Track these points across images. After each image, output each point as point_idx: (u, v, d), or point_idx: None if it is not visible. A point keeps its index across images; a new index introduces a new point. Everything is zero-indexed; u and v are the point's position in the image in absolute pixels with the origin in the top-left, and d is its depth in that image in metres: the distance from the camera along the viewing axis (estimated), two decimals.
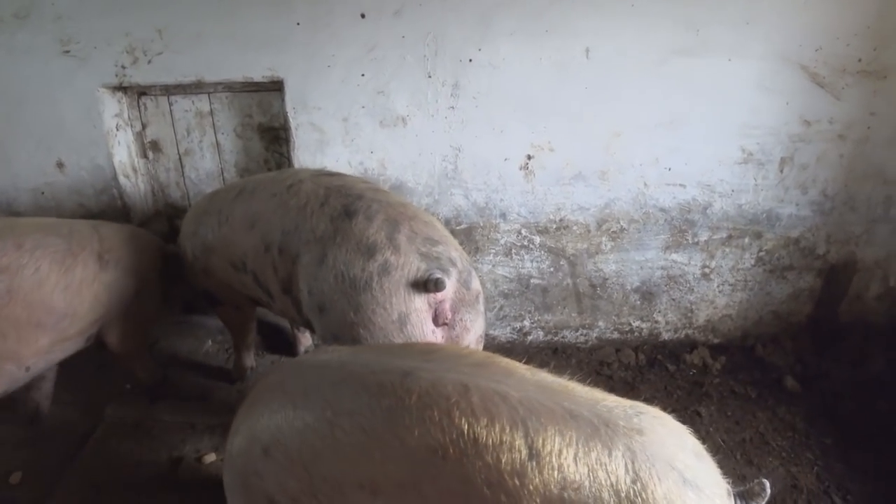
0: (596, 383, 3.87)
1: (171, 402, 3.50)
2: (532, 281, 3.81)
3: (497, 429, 1.55)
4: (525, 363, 1.84)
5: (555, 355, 3.95)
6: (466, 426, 1.57)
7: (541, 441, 1.52)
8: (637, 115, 3.47)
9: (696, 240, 3.75)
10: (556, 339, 3.98)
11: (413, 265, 2.43)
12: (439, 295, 2.43)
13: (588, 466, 1.50)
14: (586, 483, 1.49)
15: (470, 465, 1.55)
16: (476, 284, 2.54)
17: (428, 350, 1.84)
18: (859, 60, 3.42)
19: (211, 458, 3.22)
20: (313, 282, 2.54)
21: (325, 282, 2.49)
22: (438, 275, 2.40)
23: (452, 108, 3.43)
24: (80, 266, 2.90)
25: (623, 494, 1.48)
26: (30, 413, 3.49)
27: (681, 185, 3.62)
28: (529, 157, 3.53)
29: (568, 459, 1.51)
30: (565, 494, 1.49)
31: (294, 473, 1.83)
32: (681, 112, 3.48)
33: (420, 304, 2.42)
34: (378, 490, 1.67)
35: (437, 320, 2.46)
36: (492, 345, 3.92)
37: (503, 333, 3.95)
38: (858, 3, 3.32)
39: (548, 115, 3.45)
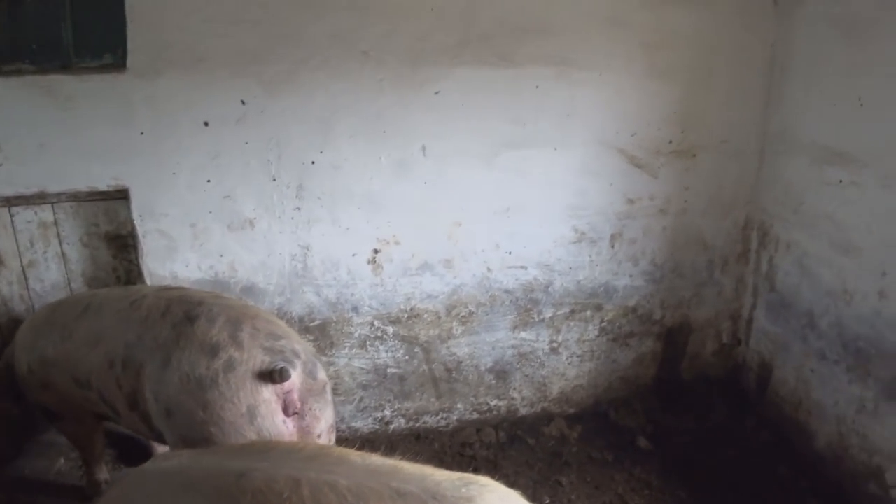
0: (459, 465, 4.03)
1: None
2: (389, 370, 3.92)
3: None
4: (387, 452, 1.94)
5: (418, 441, 4.03)
6: None
7: None
8: (475, 204, 3.72)
9: (541, 317, 3.99)
10: (417, 425, 4.08)
11: (257, 359, 2.49)
12: (286, 385, 2.49)
13: None
14: None
15: None
16: (322, 375, 2.63)
17: (265, 448, 1.90)
18: (670, 142, 3.84)
19: None
20: (158, 386, 2.55)
21: (171, 385, 2.50)
22: (282, 364, 2.47)
23: (298, 208, 3.56)
24: None
25: None
26: None
27: (522, 266, 3.87)
28: (376, 252, 3.69)
29: None
30: None
31: None
32: (515, 199, 3.75)
33: (268, 396, 2.47)
34: None
35: (287, 410, 2.51)
36: (355, 436, 3.97)
37: (365, 424, 4.02)
38: (665, 92, 3.75)
39: (391, 210, 3.64)
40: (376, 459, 1.81)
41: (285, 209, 3.55)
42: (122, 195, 3.52)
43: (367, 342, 3.84)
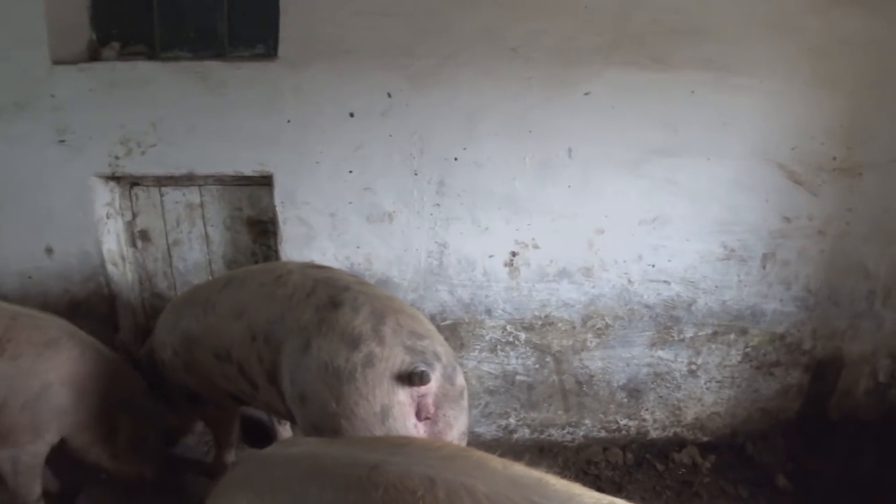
0: (583, 483, 3.82)
1: (146, 495, 3.42)
2: (518, 378, 3.78)
3: None
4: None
5: (541, 454, 3.88)
6: None
7: None
8: (620, 212, 3.53)
9: (681, 336, 3.75)
10: (542, 437, 3.92)
11: (398, 358, 2.37)
12: (423, 389, 2.37)
13: None
14: None
15: None
16: (460, 380, 2.49)
17: (398, 443, 1.80)
18: (834, 158, 3.51)
19: None
20: (296, 370, 2.50)
21: (308, 371, 2.45)
22: (423, 367, 2.35)
23: (438, 205, 3.48)
24: None
25: None
26: None
27: (665, 281, 3.64)
28: (514, 254, 3.56)
29: None
30: None
31: None
32: (662, 209, 3.53)
33: (403, 398, 2.36)
34: None
35: (419, 415, 2.40)
36: (477, 442, 3.85)
37: (488, 431, 3.90)
38: (831, 104, 3.44)
39: (531, 212, 3.51)
40: (519, 469, 1.65)
41: (425, 205, 3.48)
42: (265, 181, 3.57)
43: (498, 347, 3.72)
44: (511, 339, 3.70)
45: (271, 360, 2.69)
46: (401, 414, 2.36)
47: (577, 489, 1.60)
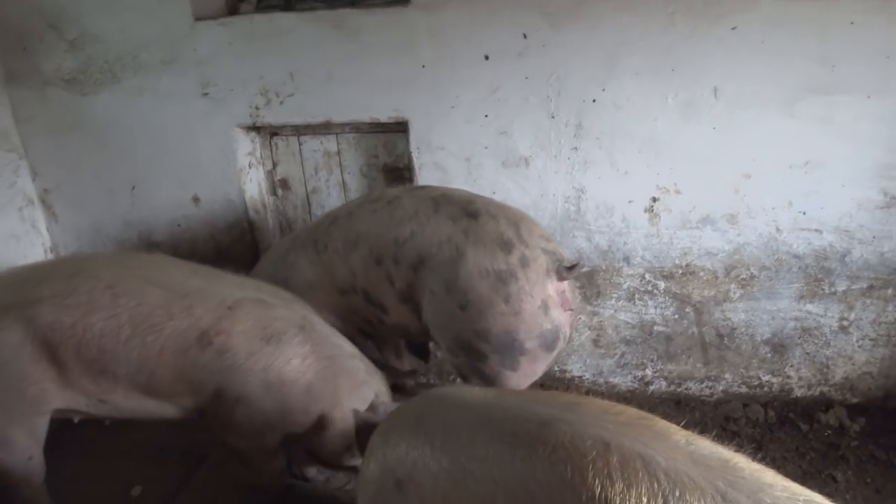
0: (721, 439, 3.69)
1: None
2: (655, 328, 3.67)
3: (632, 497, 1.38)
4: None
5: (677, 407, 3.76)
6: (599, 489, 1.41)
7: None
8: (768, 156, 3.31)
9: (833, 290, 3.51)
10: (679, 390, 3.79)
11: (541, 258, 2.69)
12: (563, 284, 2.74)
13: None
14: None
15: None
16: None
17: (574, 401, 1.70)
18: None
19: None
20: (452, 282, 2.70)
21: (468, 279, 2.67)
22: (574, 261, 2.74)
23: (575, 148, 3.39)
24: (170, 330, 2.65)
25: None
26: None
27: (816, 230, 3.41)
28: (654, 200, 3.43)
29: None
30: None
31: None
32: (816, 153, 3.29)
33: (552, 291, 2.70)
34: None
35: (563, 306, 2.76)
36: (612, 393, 3.80)
37: (623, 382, 3.82)
38: None
39: (674, 155, 3.36)
40: (705, 446, 1.51)
41: (562, 148, 3.40)
42: (400, 128, 3.59)
43: (636, 295, 3.61)
44: (650, 288, 3.59)
45: (405, 278, 2.85)
46: (554, 305, 2.71)
47: (769, 477, 1.44)
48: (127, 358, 2.62)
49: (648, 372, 3.77)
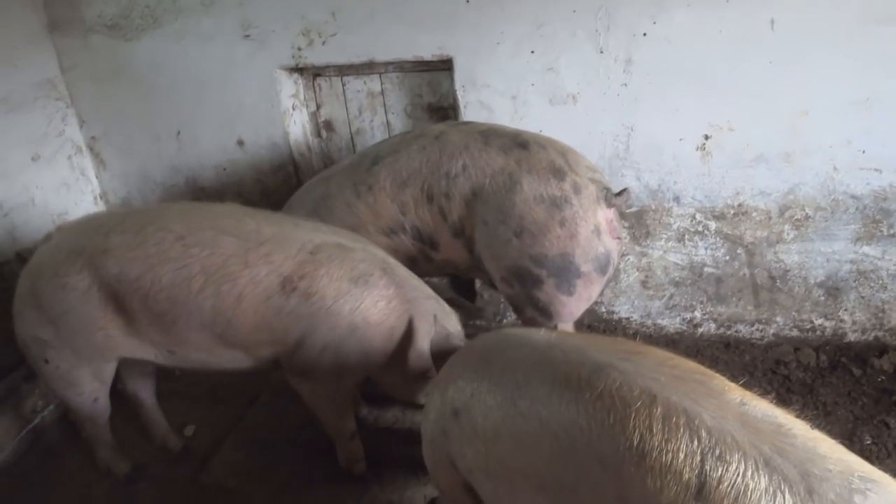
0: (770, 383, 3.64)
1: None
2: (706, 269, 3.59)
3: (670, 452, 1.37)
4: (693, 356, 1.66)
5: (727, 350, 3.70)
6: (637, 439, 1.42)
7: (715, 481, 1.32)
8: (827, 91, 3.17)
9: (891, 231, 3.38)
10: (728, 332, 3.73)
11: (591, 185, 2.78)
12: (608, 212, 2.80)
13: None
14: None
15: (629, 484, 1.41)
16: None
17: (634, 350, 1.69)
18: None
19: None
20: (507, 210, 2.77)
21: (523, 205, 2.74)
22: (623, 189, 2.83)
23: (625, 84, 3.30)
24: (247, 278, 2.60)
25: None
26: None
27: (876, 169, 3.27)
28: (707, 138, 3.33)
29: None
30: None
31: (474, 446, 1.81)
32: (878, 88, 3.13)
33: (602, 217, 2.78)
34: (543, 486, 1.60)
35: (612, 233, 2.83)
36: (659, 335, 3.76)
37: (672, 324, 3.76)
38: None
39: (727, 92, 3.23)
40: (759, 408, 1.47)
41: (611, 85, 3.31)
42: (445, 66, 3.53)
43: (686, 236, 3.53)
44: (700, 229, 3.50)
45: (458, 212, 2.90)
46: (605, 230, 2.79)
47: (825, 448, 1.39)
48: (200, 309, 2.61)
49: (697, 314, 3.70)
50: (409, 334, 2.70)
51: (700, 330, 3.73)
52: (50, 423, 3.68)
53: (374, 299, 2.63)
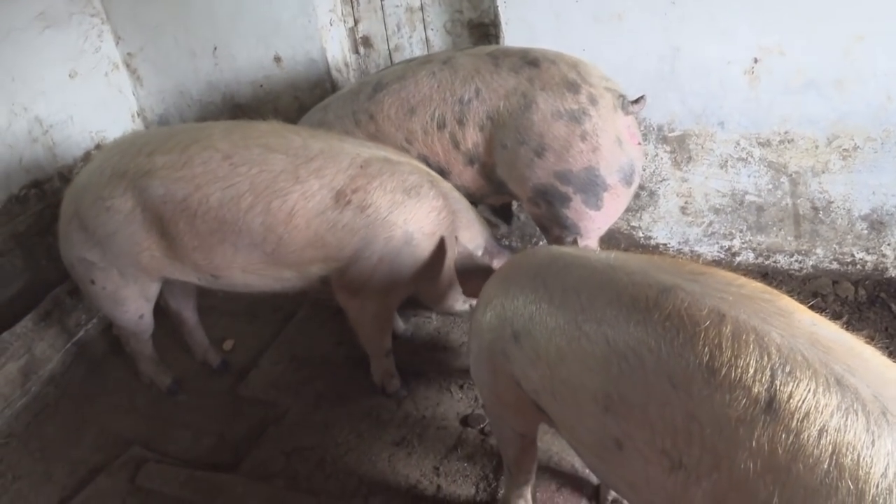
0: None
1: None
2: (747, 197, 3.51)
3: (739, 368, 1.37)
4: None
5: (764, 280, 3.58)
6: (707, 357, 1.41)
7: (785, 396, 1.31)
8: (886, 16, 3.00)
9: None
10: (767, 262, 3.67)
11: (606, 94, 2.73)
12: (626, 119, 2.76)
13: (834, 446, 1.25)
14: (825, 464, 1.25)
15: (698, 401, 1.41)
16: None
17: (698, 270, 1.67)
18: None
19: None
20: (526, 130, 2.72)
21: (542, 124, 2.70)
22: (641, 95, 2.76)
23: (673, 3, 3.16)
24: (299, 193, 2.60)
25: (868, 498, 1.21)
26: None
27: None
28: (755, 61, 3.20)
29: (812, 428, 1.27)
30: (794, 466, 1.27)
31: (538, 369, 1.82)
32: None
33: (623, 126, 2.75)
34: (610, 406, 1.60)
35: (634, 139, 2.80)
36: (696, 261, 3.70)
37: (710, 251, 3.70)
38: None
39: (780, 12, 3.09)
40: (829, 329, 1.45)
41: (658, 3, 3.17)
42: None
43: (729, 163, 3.45)
44: (744, 156, 3.41)
45: (472, 139, 2.85)
46: (627, 138, 2.75)
47: (895, 372, 1.36)
48: (250, 228, 2.62)
49: (736, 242, 3.64)
50: (454, 245, 2.72)
51: (738, 259, 3.67)
52: (94, 336, 3.79)
53: (426, 210, 2.65)
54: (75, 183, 2.90)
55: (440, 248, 2.73)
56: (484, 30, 3.64)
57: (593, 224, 2.85)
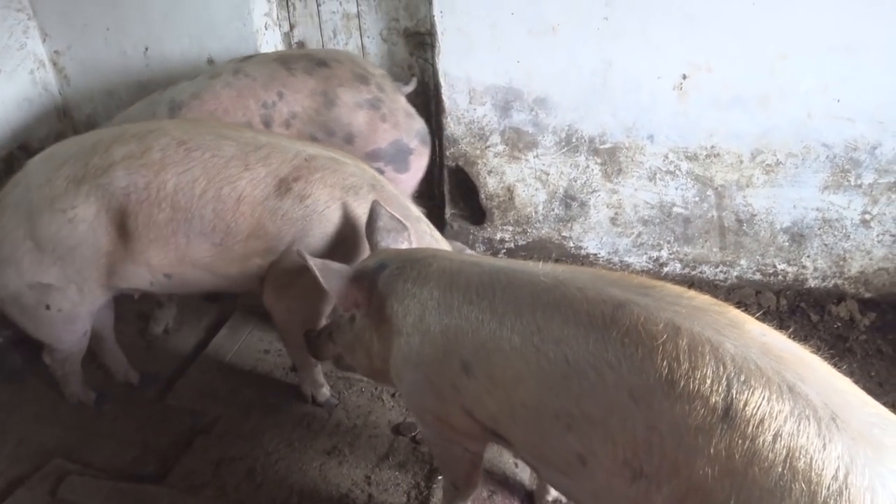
0: None
1: None
2: (675, 209, 3.61)
3: (696, 379, 1.41)
4: None
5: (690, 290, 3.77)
6: (666, 370, 1.45)
7: (741, 404, 1.36)
8: (808, 36, 3.14)
9: (859, 182, 3.42)
10: (693, 272, 3.78)
11: (387, 81, 3.31)
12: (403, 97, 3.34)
13: (788, 450, 1.31)
14: (779, 467, 1.31)
15: (658, 412, 1.45)
16: None
17: (648, 285, 1.69)
18: None
19: None
20: (333, 123, 3.13)
21: (348, 115, 3.12)
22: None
23: (606, 18, 3.23)
24: (247, 180, 2.58)
25: (820, 499, 1.27)
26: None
27: (849, 119, 3.29)
28: (684, 77, 3.30)
29: (767, 434, 1.33)
30: (750, 470, 1.33)
31: (494, 395, 1.80)
32: (859, 36, 3.11)
33: (405, 102, 3.31)
34: (572, 424, 1.61)
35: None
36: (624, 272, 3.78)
37: (638, 261, 3.79)
38: None
39: (708, 30, 3.19)
40: (778, 339, 1.51)
41: (592, 17, 3.24)
42: None
43: (658, 175, 3.53)
44: (672, 169, 3.51)
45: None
46: (411, 110, 3.33)
47: (842, 382, 1.44)
48: (202, 214, 2.57)
49: (664, 253, 3.74)
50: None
51: (665, 269, 3.77)
52: (7, 347, 3.60)
53: (362, 211, 2.60)
54: (12, 205, 2.68)
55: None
56: (420, 38, 3.65)
57: (405, 184, 3.26)
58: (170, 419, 3.15)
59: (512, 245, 3.92)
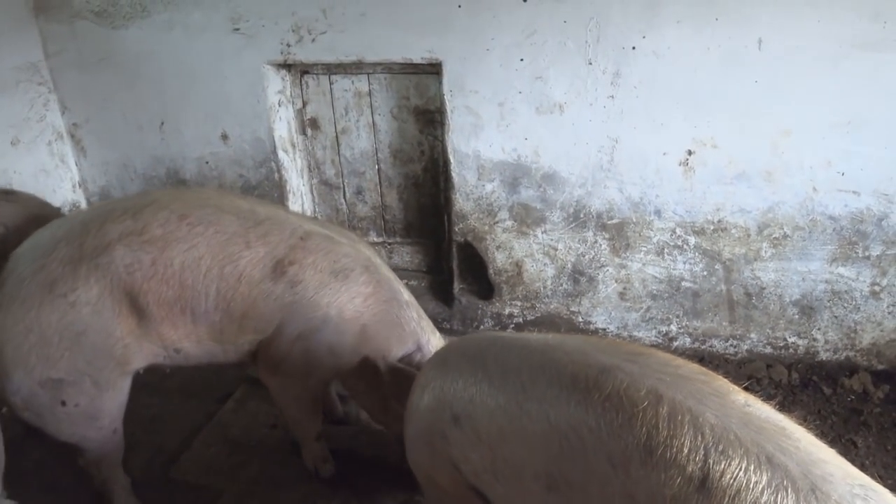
0: None
1: None
2: (683, 284, 3.62)
3: (674, 448, 1.41)
4: None
5: (700, 365, 3.72)
6: (645, 437, 1.45)
7: (718, 474, 1.35)
8: (810, 113, 3.21)
9: (867, 254, 3.44)
10: (703, 347, 3.77)
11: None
12: None
13: None
14: None
15: (636, 480, 1.44)
16: None
17: (637, 352, 1.72)
18: None
19: None
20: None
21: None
22: None
23: (612, 97, 3.32)
24: (247, 260, 2.53)
25: None
26: None
27: (854, 192, 3.33)
28: (690, 153, 3.36)
29: None
30: None
31: (479, 450, 1.82)
32: (860, 112, 3.18)
33: None
34: (553, 485, 1.61)
35: None
36: None
37: (647, 336, 3.79)
38: None
39: (712, 109, 3.27)
40: (762, 410, 1.51)
41: (598, 96, 3.32)
42: (434, 69, 3.54)
43: (665, 250, 3.56)
44: (679, 243, 3.53)
45: None
46: None
47: (825, 453, 1.43)
48: (206, 293, 2.52)
49: (673, 327, 3.73)
50: (379, 337, 2.68)
51: (675, 343, 3.76)
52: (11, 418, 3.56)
53: (350, 295, 2.60)
54: (6, 301, 2.47)
55: (362, 336, 2.67)
56: (429, 116, 3.73)
57: None
58: (174, 494, 3.11)
59: (521, 320, 3.93)
